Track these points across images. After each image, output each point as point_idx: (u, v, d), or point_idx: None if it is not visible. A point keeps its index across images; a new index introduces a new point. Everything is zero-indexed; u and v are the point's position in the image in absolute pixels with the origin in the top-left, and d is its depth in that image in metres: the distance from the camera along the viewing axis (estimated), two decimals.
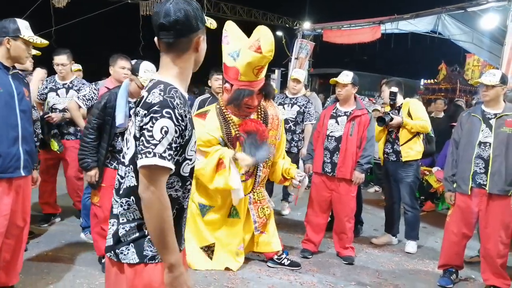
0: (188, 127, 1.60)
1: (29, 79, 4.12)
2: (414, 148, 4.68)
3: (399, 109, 4.74)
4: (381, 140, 4.81)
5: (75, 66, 6.06)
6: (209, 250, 3.96)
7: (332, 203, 4.42)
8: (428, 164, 6.73)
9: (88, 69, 4.90)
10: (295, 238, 4.94)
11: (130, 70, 3.84)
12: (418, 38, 9.11)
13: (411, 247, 4.78)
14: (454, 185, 3.89)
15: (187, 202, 1.74)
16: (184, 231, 1.78)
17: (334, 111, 4.45)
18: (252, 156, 3.67)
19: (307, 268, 4.12)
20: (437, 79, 16.79)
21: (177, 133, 1.53)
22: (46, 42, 3.12)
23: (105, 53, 4.72)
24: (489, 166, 3.66)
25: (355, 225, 4.75)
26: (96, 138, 3.58)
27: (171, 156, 1.52)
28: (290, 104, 5.67)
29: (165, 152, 1.49)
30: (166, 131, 1.49)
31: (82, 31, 17.72)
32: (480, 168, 3.71)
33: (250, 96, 3.65)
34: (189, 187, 1.71)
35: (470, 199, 3.77)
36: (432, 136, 4.85)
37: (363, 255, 4.62)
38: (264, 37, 3.49)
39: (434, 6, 8.03)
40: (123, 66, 4.28)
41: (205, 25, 1.68)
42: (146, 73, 3.49)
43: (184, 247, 1.79)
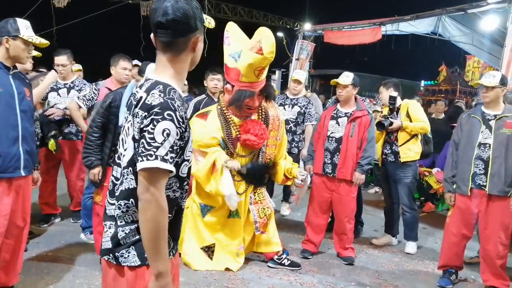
0: (188, 129, 1.58)
1: (39, 80, 4.10)
2: (412, 149, 4.68)
3: (398, 110, 4.75)
4: (379, 141, 4.81)
5: (76, 66, 6.06)
6: (209, 251, 3.96)
7: (332, 204, 4.42)
8: (428, 165, 6.73)
9: (88, 69, 4.89)
10: (295, 238, 4.94)
11: (137, 71, 3.84)
12: (418, 40, 9.13)
13: (411, 247, 4.79)
14: (454, 186, 3.90)
15: (185, 202, 1.72)
16: (180, 233, 1.76)
17: (335, 112, 4.46)
18: (250, 183, 3.90)
19: (307, 269, 4.13)
20: (438, 80, 16.79)
21: (178, 135, 1.50)
22: (46, 42, 3.10)
23: (106, 53, 4.73)
24: (489, 167, 3.67)
25: (355, 225, 4.76)
26: (100, 136, 3.59)
27: (172, 158, 1.49)
28: (291, 105, 5.67)
29: (167, 155, 1.47)
30: (168, 134, 1.47)
31: (83, 31, 17.73)
32: (479, 169, 3.72)
33: (251, 97, 3.66)
34: (186, 187, 1.68)
35: (470, 200, 3.78)
36: (430, 137, 4.85)
37: (363, 255, 4.62)
38: (265, 39, 3.49)
39: (434, 7, 8.05)
40: (124, 67, 4.30)
41: (204, 24, 1.64)
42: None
43: (177, 254, 1.75)
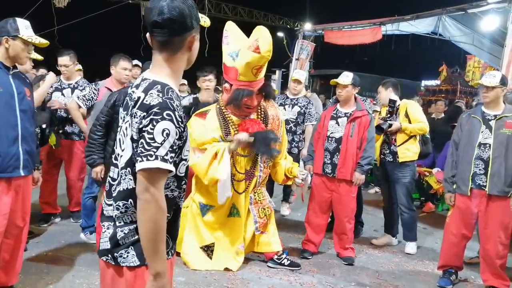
0: (186, 128, 1.59)
1: (40, 83, 4.11)
2: (411, 149, 4.68)
3: (397, 110, 4.74)
4: (378, 141, 4.80)
5: (76, 66, 6.05)
6: (208, 250, 3.96)
7: (332, 204, 4.42)
8: (429, 165, 6.73)
9: (88, 69, 4.89)
10: (295, 238, 4.94)
11: (140, 70, 3.84)
12: (418, 39, 9.12)
13: (410, 248, 4.78)
14: (454, 186, 3.89)
15: (183, 202, 1.72)
16: (178, 233, 1.76)
17: (335, 112, 4.46)
18: (259, 151, 3.72)
19: (307, 269, 4.12)
20: (439, 79, 16.79)
21: (177, 135, 1.50)
22: (46, 42, 3.09)
23: (106, 53, 4.73)
24: (489, 167, 3.67)
25: (355, 226, 4.76)
26: (103, 135, 3.59)
27: (172, 158, 1.50)
28: (291, 105, 5.67)
29: (167, 155, 1.47)
30: (167, 134, 1.47)
31: (83, 31, 17.73)
32: (479, 169, 3.71)
33: (249, 96, 3.66)
34: (184, 187, 1.69)
35: (470, 200, 3.77)
36: (428, 137, 4.86)
37: (363, 255, 4.62)
38: (263, 37, 3.50)
39: (434, 7, 8.05)
40: (124, 67, 4.30)
41: (199, 23, 1.64)
42: None
43: (174, 255, 1.75)
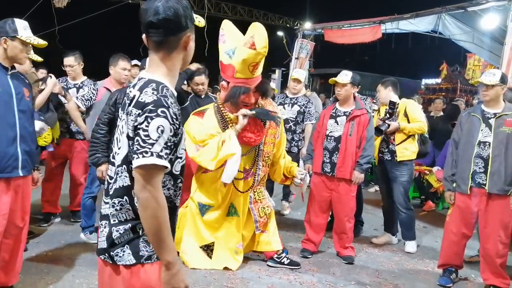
0: (181, 126, 1.61)
1: (40, 82, 4.12)
2: (409, 149, 4.68)
3: (396, 112, 4.73)
4: (377, 140, 4.80)
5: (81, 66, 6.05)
6: (208, 249, 3.96)
7: (332, 203, 4.42)
8: (429, 163, 6.73)
9: (88, 69, 4.90)
10: (295, 237, 4.94)
11: (139, 69, 3.84)
12: (418, 38, 9.10)
13: (410, 246, 4.78)
14: (454, 185, 3.89)
15: (179, 200, 1.74)
16: (175, 230, 1.78)
17: (334, 111, 4.45)
18: (262, 117, 3.77)
19: (307, 268, 4.12)
20: (440, 78, 16.79)
21: (172, 132, 1.53)
22: (44, 43, 3.10)
23: (106, 53, 4.73)
24: (489, 166, 3.66)
25: (355, 225, 4.75)
26: (106, 133, 3.59)
27: (167, 155, 1.52)
28: (291, 104, 5.67)
29: (162, 151, 1.49)
30: (162, 130, 1.49)
31: (83, 31, 17.72)
32: (479, 168, 3.71)
33: (246, 93, 3.67)
34: (180, 185, 1.71)
35: (470, 198, 3.77)
36: (427, 136, 4.85)
37: (363, 254, 4.62)
38: (258, 34, 3.52)
39: (434, 5, 8.03)
40: (124, 67, 4.31)
41: (194, 23, 1.67)
42: None
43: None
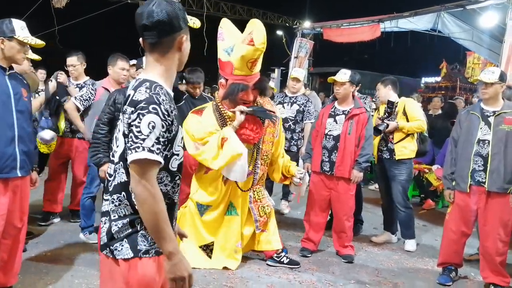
0: (174, 123, 1.65)
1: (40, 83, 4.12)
2: (408, 147, 4.67)
3: (395, 112, 4.72)
4: (376, 138, 4.79)
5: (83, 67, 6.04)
6: (208, 249, 3.96)
7: (331, 202, 4.42)
8: (428, 162, 6.73)
9: (88, 69, 4.90)
10: (294, 237, 4.94)
11: (135, 68, 3.83)
12: (417, 36, 9.11)
13: (410, 245, 4.78)
14: (453, 183, 3.89)
15: (177, 196, 1.78)
16: (175, 226, 1.81)
17: (332, 110, 4.45)
18: (259, 115, 3.76)
19: (307, 267, 4.12)
20: (440, 76, 16.77)
21: (164, 127, 1.59)
22: (41, 43, 3.10)
23: (105, 53, 4.73)
24: (488, 164, 3.66)
25: (355, 223, 4.75)
26: (107, 133, 3.58)
27: (159, 150, 1.58)
28: (290, 103, 5.67)
29: (153, 146, 1.55)
30: (153, 126, 1.55)
31: (82, 31, 17.72)
32: (479, 166, 3.70)
33: (245, 90, 3.67)
34: (179, 182, 1.76)
35: (469, 197, 3.77)
36: (426, 135, 4.85)
37: (363, 253, 4.62)
38: (257, 30, 3.53)
39: (433, 4, 8.03)
40: (122, 67, 4.31)
41: (188, 24, 1.73)
42: None
43: None
